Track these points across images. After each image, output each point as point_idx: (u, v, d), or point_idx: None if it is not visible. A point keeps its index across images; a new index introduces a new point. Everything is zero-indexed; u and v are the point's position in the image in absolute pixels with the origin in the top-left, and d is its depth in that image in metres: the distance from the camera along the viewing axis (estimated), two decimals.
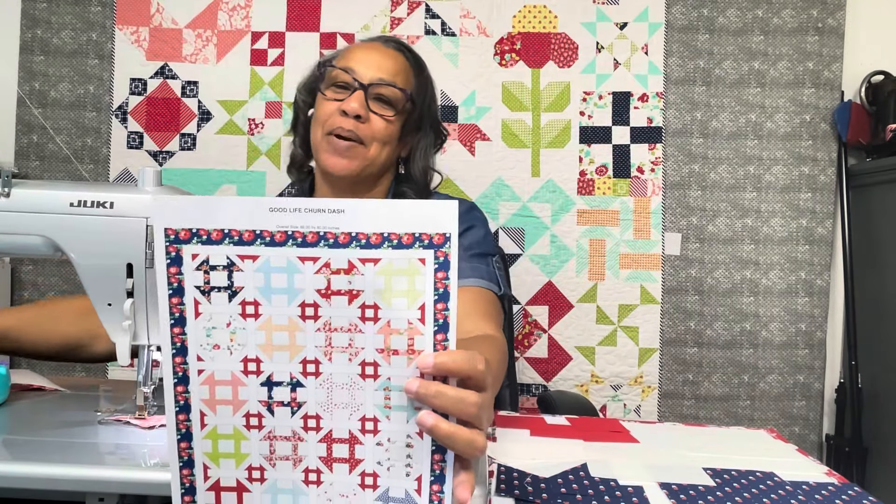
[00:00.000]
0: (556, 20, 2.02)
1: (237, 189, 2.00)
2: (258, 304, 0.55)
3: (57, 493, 0.59)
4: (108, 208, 0.75)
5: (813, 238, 2.00)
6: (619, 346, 2.00)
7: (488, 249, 1.16)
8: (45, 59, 2.02)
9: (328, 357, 0.55)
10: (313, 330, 0.55)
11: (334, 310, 0.55)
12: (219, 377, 0.55)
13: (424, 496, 0.56)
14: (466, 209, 1.20)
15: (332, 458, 0.57)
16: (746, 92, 2.01)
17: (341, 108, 1.10)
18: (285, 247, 0.54)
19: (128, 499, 0.60)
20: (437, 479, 0.56)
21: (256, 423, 0.56)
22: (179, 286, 0.54)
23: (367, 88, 1.10)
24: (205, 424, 0.56)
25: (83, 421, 0.76)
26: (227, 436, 0.56)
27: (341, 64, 1.14)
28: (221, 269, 0.55)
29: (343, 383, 0.56)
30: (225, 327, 0.55)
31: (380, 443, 0.56)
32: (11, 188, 0.75)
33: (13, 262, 1.98)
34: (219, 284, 0.55)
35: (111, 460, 0.67)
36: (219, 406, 0.56)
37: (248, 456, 0.56)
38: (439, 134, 1.25)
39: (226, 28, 2.02)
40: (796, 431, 1.99)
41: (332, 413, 0.56)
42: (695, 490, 0.72)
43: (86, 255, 0.76)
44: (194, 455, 0.56)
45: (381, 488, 0.56)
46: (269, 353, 0.55)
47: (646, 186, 2.01)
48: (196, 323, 0.55)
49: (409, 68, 1.17)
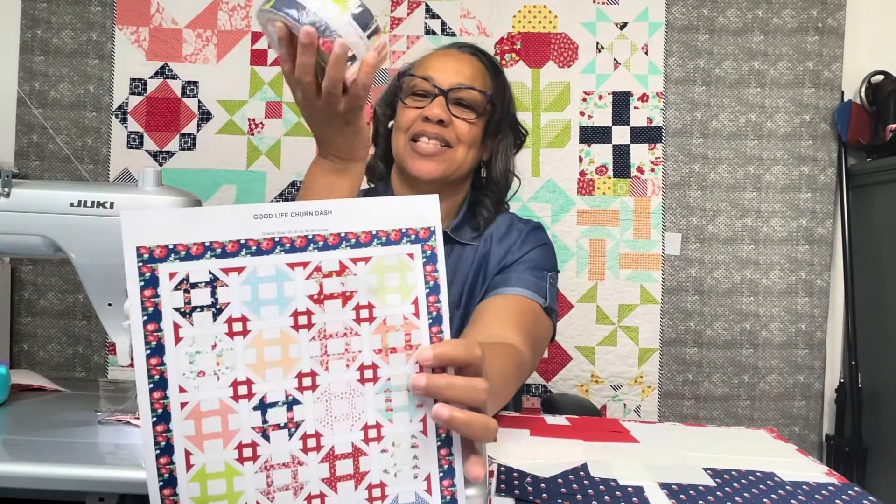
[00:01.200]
0: (556, 20, 2.02)
1: (237, 189, 2.00)
2: (246, 319, 0.52)
3: (57, 493, 0.59)
4: (108, 208, 0.75)
5: (813, 238, 2.00)
6: (619, 346, 2.00)
7: (546, 266, 1.15)
8: (45, 59, 2.02)
9: (325, 367, 0.53)
10: (307, 339, 0.53)
11: (328, 315, 0.53)
12: (205, 408, 0.51)
13: (436, 495, 0.55)
14: (534, 228, 1.21)
15: (336, 477, 0.53)
16: (746, 92, 2.01)
17: (424, 114, 1.11)
18: (273, 254, 0.52)
19: (128, 499, 0.60)
20: (447, 474, 0.55)
21: (251, 453, 0.52)
22: (156, 310, 0.50)
23: (447, 94, 1.11)
24: (191, 465, 0.50)
25: (83, 421, 0.75)
26: (217, 474, 0.51)
27: (420, 73, 1.15)
28: (204, 285, 0.51)
29: (342, 392, 0.54)
30: (210, 350, 0.51)
31: (384, 449, 0.54)
32: (11, 188, 0.75)
33: (13, 262, 1.99)
34: (201, 303, 0.51)
35: (111, 460, 0.67)
36: (206, 441, 0.50)
37: (243, 494, 0.51)
38: (518, 134, 1.25)
39: (226, 28, 2.02)
40: (796, 431, 1.99)
41: (332, 427, 0.54)
42: (695, 490, 0.72)
43: (86, 255, 0.76)
44: (179, 503, 0.50)
45: (389, 498, 0.54)
46: (262, 372, 0.52)
47: (646, 186, 2.01)
48: (177, 350, 0.50)
49: (486, 71, 1.18)
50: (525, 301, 1.07)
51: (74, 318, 2.02)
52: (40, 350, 2.01)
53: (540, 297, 1.08)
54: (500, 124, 1.19)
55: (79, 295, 2.00)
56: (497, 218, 1.21)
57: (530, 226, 1.21)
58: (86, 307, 2.00)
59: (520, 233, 1.18)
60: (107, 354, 2.01)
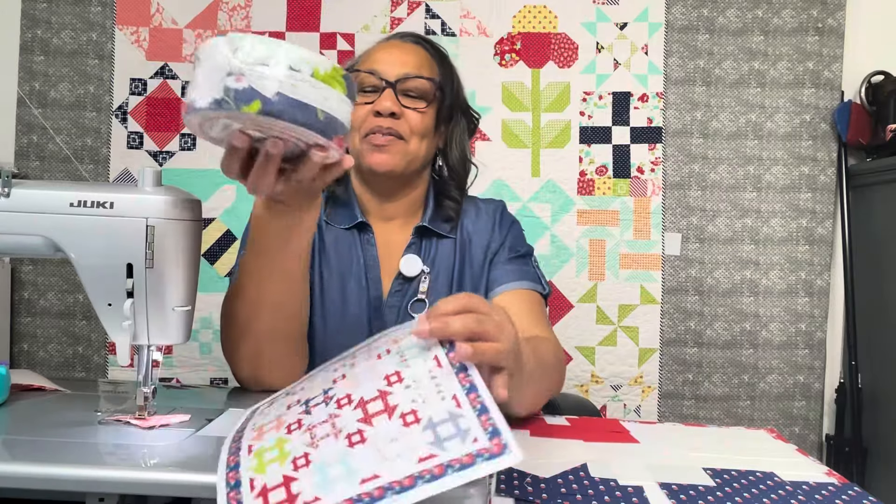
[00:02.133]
0: (556, 20, 2.02)
1: (237, 189, 2.00)
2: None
3: (57, 493, 0.59)
4: (108, 208, 0.75)
5: (813, 238, 2.00)
6: (619, 347, 2.00)
7: (528, 249, 1.19)
8: (45, 59, 2.02)
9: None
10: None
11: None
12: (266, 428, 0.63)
13: (466, 406, 0.56)
14: (502, 208, 1.23)
15: (370, 414, 0.58)
16: (746, 92, 2.01)
17: (374, 109, 1.08)
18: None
19: (128, 499, 0.60)
20: (471, 390, 0.58)
21: (297, 426, 0.61)
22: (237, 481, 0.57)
23: (394, 85, 1.09)
24: (251, 449, 0.60)
25: (83, 421, 0.75)
26: (269, 448, 0.59)
27: (364, 67, 1.13)
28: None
29: (365, 368, 0.64)
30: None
31: (408, 385, 0.59)
32: (11, 188, 0.75)
33: (13, 262, 1.99)
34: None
35: (111, 460, 0.66)
36: (265, 435, 0.62)
37: (291, 451, 0.57)
38: (471, 119, 1.24)
39: (226, 28, 2.02)
40: (796, 431, 1.99)
41: (358, 386, 0.62)
42: (695, 490, 0.72)
43: (86, 255, 0.76)
44: (241, 474, 0.56)
45: (423, 420, 0.56)
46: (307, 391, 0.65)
47: (646, 186, 2.01)
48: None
49: (431, 59, 1.16)
50: (530, 293, 1.11)
51: (74, 318, 2.02)
52: (40, 350, 2.01)
53: (539, 286, 1.13)
54: (452, 110, 1.18)
55: (79, 295, 2.00)
56: (463, 204, 1.21)
57: (496, 206, 1.22)
58: (86, 307, 2.00)
59: (490, 216, 1.20)
60: (107, 354, 2.01)
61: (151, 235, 0.75)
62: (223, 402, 0.92)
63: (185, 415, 0.78)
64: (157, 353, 0.79)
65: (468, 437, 0.53)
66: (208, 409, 0.80)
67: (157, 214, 0.75)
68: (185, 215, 0.76)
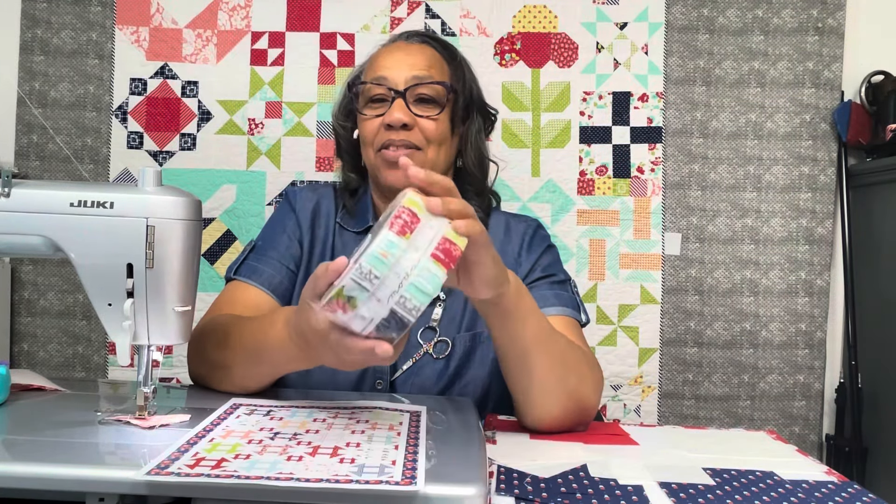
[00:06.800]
0: (556, 20, 2.02)
1: (237, 189, 2.00)
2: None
3: (57, 493, 0.59)
4: (108, 208, 0.75)
5: (813, 238, 2.00)
6: (619, 346, 2.00)
7: (566, 275, 1.11)
8: (45, 59, 2.02)
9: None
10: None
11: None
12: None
13: (399, 462, 0.64)
14: (535, 228, 1.15)
15: (316, 451, 0.67)
16: (746, 92, 2.01)
17: (385, 121, 1.03)
18: None
19: (128, 499, 0.60)
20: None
21: (257, 444, 0.68)
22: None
23: (404, 94, 1.03)
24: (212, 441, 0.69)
25: (83, 421, 0.75)
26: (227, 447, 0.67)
27: (370, 76, 1.07)
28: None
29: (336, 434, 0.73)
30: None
31: (360, 451, 0.67)
32: (11, 188, 0.75)
33: (13, 262, 1.99)
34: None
35: (111, 460, 0.67)
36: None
37: (238, 452, 0.65)
38: (487, 116, 1.17)
39: (226, 28, 2.02)
40: (796, 431, 1.99)
41: (322, 440, 0.70)
42: (694, 489, 0.72)
43: (86, 255, 0.76)
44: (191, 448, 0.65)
45: (357, 463, 0.63)
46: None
47: (646, 186, 2.01)
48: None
49: (441, 57, 1.10)
50: (569, 320, 1.04)
51: (74, 318, 2.02)
52: (40, 350, 2.01)
53: (577, 314, 1.06)
54: (467, 110, 1.12)
55: (79, 295, 2.00)
56: (490, 220, 1.15)
57: (528, 225, 1.15)
58: (86, 307, 2.00)
59: (519, 236, 1.13)
60: (107, 354, 2.01)
61: (151, 235, 0.75)
62: (223, 403, 0.92)
63: (185, 415, 0.78)
64: (157, 353, 0.79)
65: (384, 474, 0.60)
66: (208, 409, 0.80)
67: (157, 214, 0.75)
68: (185, 215, 0.76)
